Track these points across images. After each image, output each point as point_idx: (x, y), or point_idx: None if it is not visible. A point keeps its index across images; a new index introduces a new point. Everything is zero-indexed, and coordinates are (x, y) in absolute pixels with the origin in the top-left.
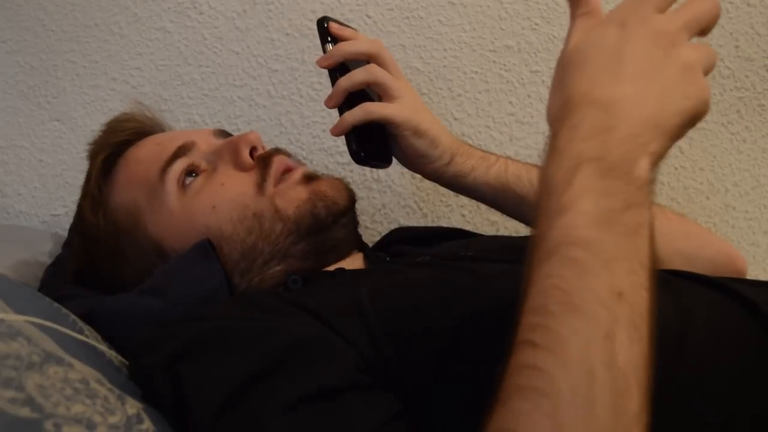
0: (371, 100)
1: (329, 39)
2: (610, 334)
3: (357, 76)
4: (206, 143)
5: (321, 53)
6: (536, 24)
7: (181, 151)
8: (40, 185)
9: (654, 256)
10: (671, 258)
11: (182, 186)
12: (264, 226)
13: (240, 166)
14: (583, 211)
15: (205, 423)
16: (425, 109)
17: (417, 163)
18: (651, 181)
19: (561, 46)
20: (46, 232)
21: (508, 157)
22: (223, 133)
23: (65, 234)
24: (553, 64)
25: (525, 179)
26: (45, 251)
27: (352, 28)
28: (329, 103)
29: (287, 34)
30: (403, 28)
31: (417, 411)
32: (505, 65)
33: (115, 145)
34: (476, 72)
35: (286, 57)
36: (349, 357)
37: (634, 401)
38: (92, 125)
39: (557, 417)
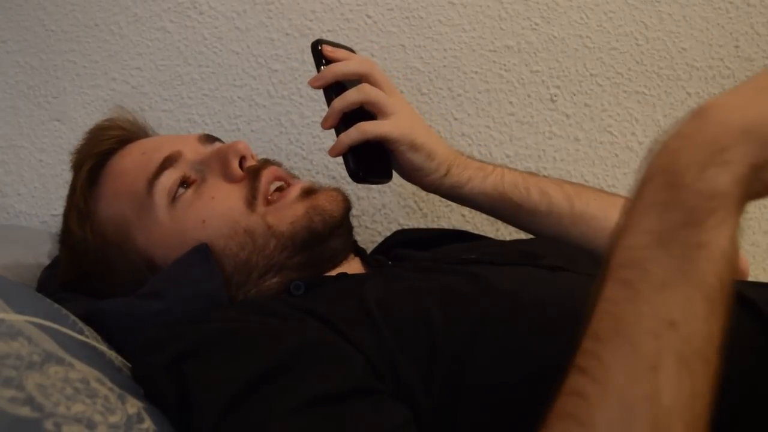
0: (366, 118)
1: (323, 61)
2: (656, 366)
3: (350, 97)
4: (193, 151)
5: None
6: (536, 24)
7: (168, 162)
8: (40, 185)
9: (722, 282)
10: None
11: (172, 198)
12: (257, 241)
13: (229, 178)
14: (643, 230)
15: (208, 423)
16: (421, 123)
17: (415, 176)
18: (725, 194)
19: (561, 46)
20: (45, 232)
21: (505, 166)
22: (209, 138)
23: None
24: (553, 64)
25: (521, 187)
26: (44, 251)
27: (347, 48)
28: (325, 125)
29: (287, 34)
30: (403, 28)
31: (425, 419)
32: (505, 65)
33: (98, 155)
34: (476, 72)
35: (286, 57)
36: (357, 362)
37: None
38: (92, 125)
39: None
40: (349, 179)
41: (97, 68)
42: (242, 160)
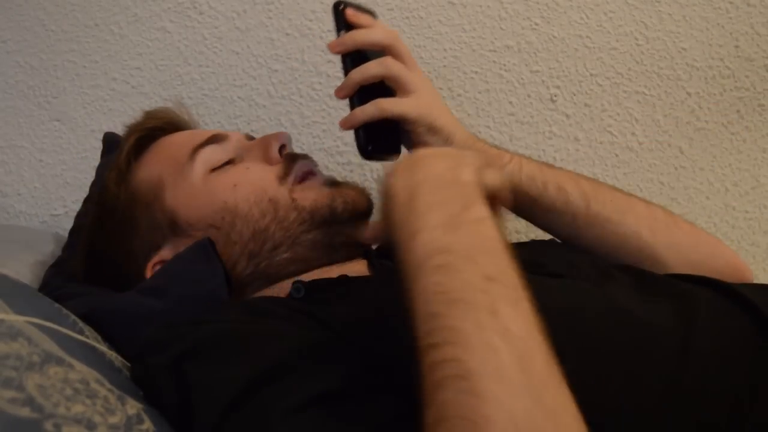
0: (383, 92)
1: (344, 25)
2: (494, 311)
3: (370, 70)
4: (238, 140)
5: (333, 38)
6: (536, 24)
7: (216, 138)
8: (40, 185)
9: (504, 239)
10: (681, 269)
11: (211, 170)
12: (279, 211)
13: (268, 160)
14: (432, 226)
15: (209, 424)
16: (440, 103)
17: None
18: (475, 183)
19: (561, 46)
20: (46, 232)
21: (522, 156)
22: (253, 138)
23: (65, 234)
24: (553, 64)
25: (539, 181)
26: (45, 252)
27: (371, 12)
28: (339, 94)
29: (287, 34)
30: (403, 28)
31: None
32: (505, 65)
33: (150, 129)
34: (476, 72)
35: (286, 57)
36: (354, 362)
37: (538, 360)
38: (92, 125)
39: (478, 392)
40: (350, 170)
41: (97, 68)
42: (282, 147)
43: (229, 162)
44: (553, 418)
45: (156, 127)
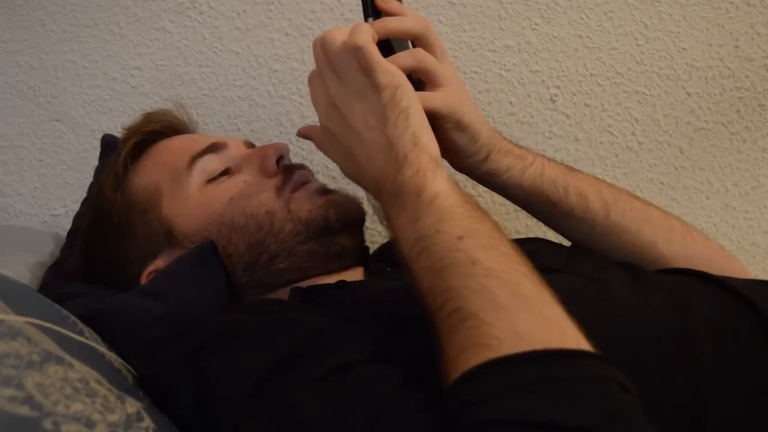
0: (412, 84)
1: (373, 12)
2: (473, 260)
3: (401, 61)
4: (237, 148)
5: None
6: (536, 24)
7: (214, 147)
8: (40, 185)
9: (464, 197)
10: None
11: (209, 180)
12: (274, 224)
13: (265, 172)
14: (402, 229)
15: (233, 414)
16: (468, 98)
17: (451, 156)
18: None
19: (561, 46)
20: (46, 232)
21: (544, 156)
22: (253, 145)
23: (65, 234)
24: (553, 64)
25: (560, 186)
26: (45, 252)
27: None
28: None
29: (287, 34)
30: None
31: None
32: (505, 65)
33: (148, 133)
34: (476, 72)
35: (286, 57)
36: (362, 335)
37: (528, 284)
38: (92, 125)
39: (483, 323)
40: (348, 179)
41: (97, 68)
42: (280, 158)
43: (226, 172)
44: (556, 326)
45: (155, 131)
